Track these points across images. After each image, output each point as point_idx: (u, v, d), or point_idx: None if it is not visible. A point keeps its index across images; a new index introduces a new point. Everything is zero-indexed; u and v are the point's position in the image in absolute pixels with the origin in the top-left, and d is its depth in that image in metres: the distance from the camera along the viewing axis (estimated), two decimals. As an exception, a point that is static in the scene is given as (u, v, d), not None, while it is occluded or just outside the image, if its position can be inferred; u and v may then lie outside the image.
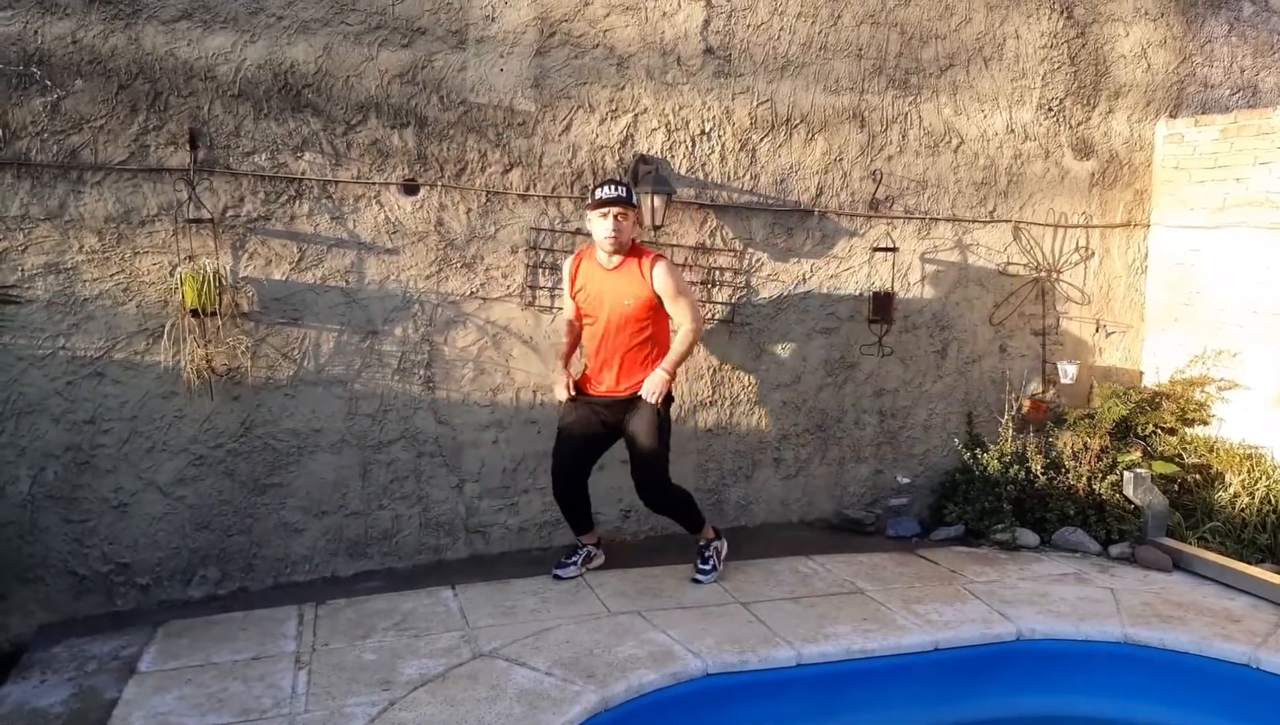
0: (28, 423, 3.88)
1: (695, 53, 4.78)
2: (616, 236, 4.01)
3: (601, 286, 4.11)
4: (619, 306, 4.09)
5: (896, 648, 3.77)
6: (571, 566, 4.35)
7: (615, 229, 4.00)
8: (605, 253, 4.09)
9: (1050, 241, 5.67)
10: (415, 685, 3.35)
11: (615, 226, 4.00)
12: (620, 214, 4.00)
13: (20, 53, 3.74)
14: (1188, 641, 3.85)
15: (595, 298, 4.13)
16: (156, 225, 3.99)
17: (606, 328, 4.13)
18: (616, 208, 3.99)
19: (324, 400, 4.30)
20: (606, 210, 3.99)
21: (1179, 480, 5.19)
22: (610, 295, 4.10)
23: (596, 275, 4.13)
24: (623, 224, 4.02)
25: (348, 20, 4.18)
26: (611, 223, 4.00)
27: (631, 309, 4.09)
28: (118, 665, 3.54)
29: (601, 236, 4.04)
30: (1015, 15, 5.44)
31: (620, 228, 4.01)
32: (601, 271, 4.12)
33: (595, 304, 4.14)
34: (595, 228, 4.07)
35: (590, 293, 4.15)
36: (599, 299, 4.12)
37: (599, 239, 4.06)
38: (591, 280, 4.14)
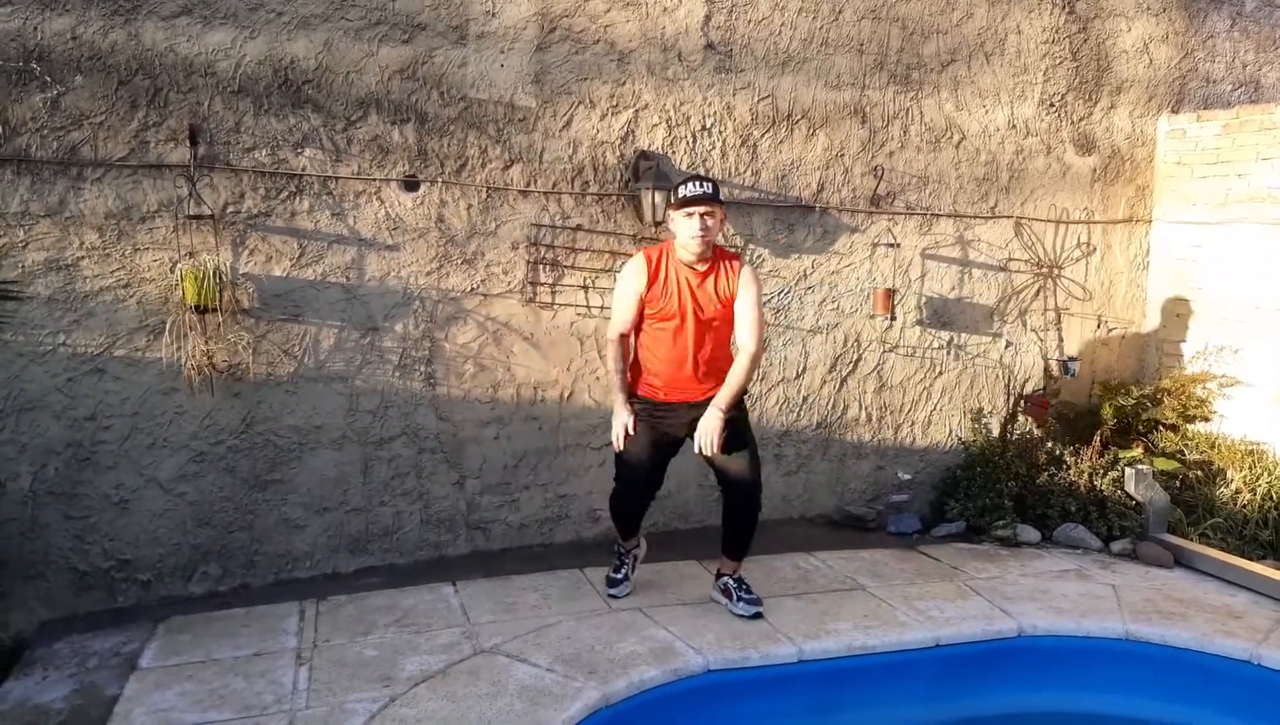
0: (29, 419, 3.88)
1: (696, 48, 4.77)
2: (704, 236, 3.72)
3: (692, 289, 3.80)
4: (711, 310, 3.82)
5: (898, 644, 3.77)
6: (625, 583, 4.14)
7: (702, 228, 3.70)
8: (691, 254, 3.77)
9: (1052, 237, 5.66)
10: (416, 681, 3.35)
11: (702, 226, 3.70)
12: (707, 212, 3.71)
13: (20, 49, 3.74)
14: (1189, 638, 3.85)
15: (682, 301, 3.80)
16: (157, 222, 3.98)
17: (691, 332, 3.81)
18: (703, 207, 3.70)
19: (325, 397, 4.30)
20: (692, 210, 3.70)
21: (1180, 476, 5.19)
22: (704, 298, 3.81)
23: (683, 277, 3.81)
24: (709, 223, 3.73)
25: (348, 16, 4.17)
26: (698, 223, 3.70)
27: (723, 313, 3.83)
28: (119, 661, 3.54)
29: (687, 237, 3.73)
30: (1017, 10, 5.43)
31: (708, 227, 3.72)
32: (690, 272, 3.81)
33: (678, 307, 3.81)
34: (680, 229, 3.76)
35: (676, 295, 3.81)
36: (687, 302, 3.80)
37: (684, 240, 3.75)
38: (677, 283, 3.81)
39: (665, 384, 3.89)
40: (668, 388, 3.89)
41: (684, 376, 3.87)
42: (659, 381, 3.90)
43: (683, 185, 3.78)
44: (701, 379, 3.87)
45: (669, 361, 3.86)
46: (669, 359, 3.86)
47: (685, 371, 3.86)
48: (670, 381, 3.88)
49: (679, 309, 3.82)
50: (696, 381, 3.87)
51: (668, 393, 3.89)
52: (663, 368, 3.88)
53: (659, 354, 3.88)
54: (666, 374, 3.88)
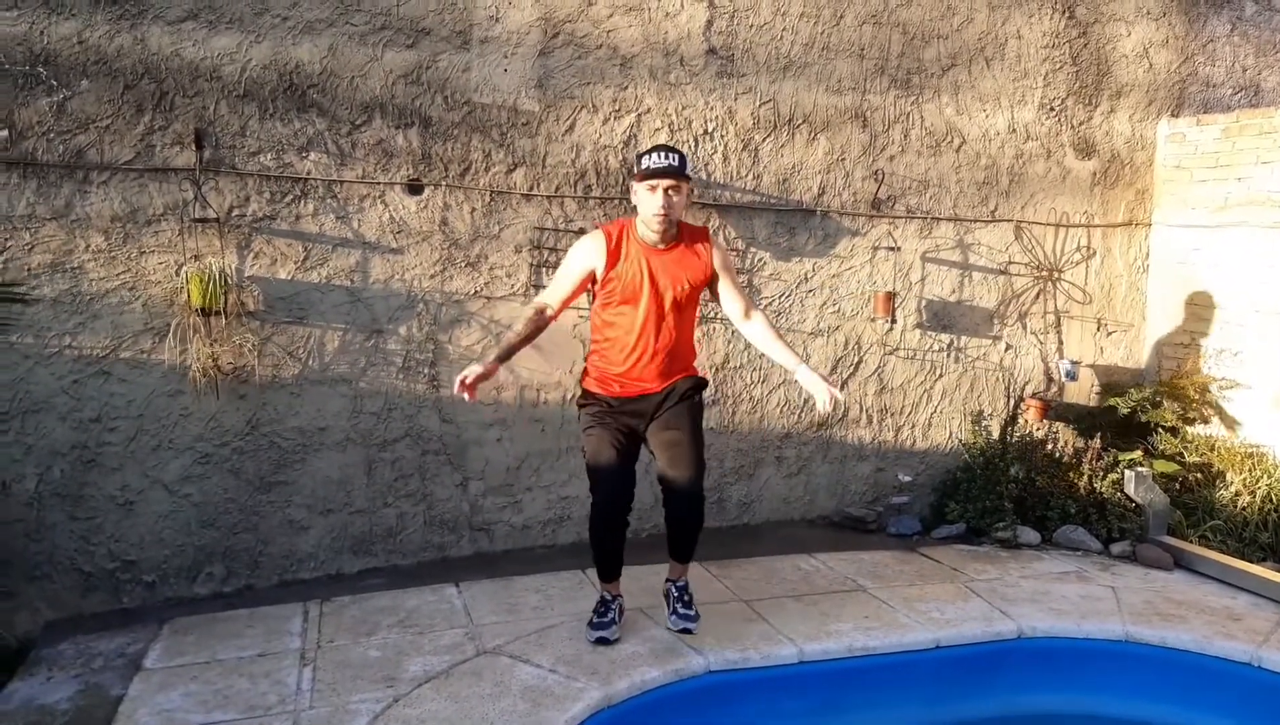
0: (34, 421, 3.90)
1: (698, 53, 4.80)
2: (668, 214, 3.37)
3: (652, 270, 3.46)
4: (675, 293, 3.48)
5: (898, 645, 3.78)
6: (614, 626, 3.69)
7: (666, 205, 3.36)
8: (654, 232, 3.44)
9: (1052, 241, 5.68)
10: (419, 682, 3.37)
11: (666, 202, 3.36)
12: (672, 187, 3.35)
13: (27, 53, 3.77)
14: (1189, 640, 3.86)
15: (639, 282, 3.46)
16: (162, 225, 4.01)
17: (652, 317, 3.48)
18: (668, 180, 3.34)
19: (329, 399, 4.32)
20: (656, 183, 3.35)
21: (1180, 479, 5.20)
22: (665, 280, 3.47)
23: (643, 257, 3.47)
24: (675, 199, 3.38)
25: (353, 21, 4.20)
26: (662, 199, 3.35)
27: (687, 295, 3.52)
28: (124, 662, 3.56)
29: (649, 214, 3.39)
30: (1017, 15, 5.45)
31: (672, 203, 3.37)
32: (651, 252, 3.48)
33: (636, 289, 3.47)
34: (642, 203, 3.41)
35: (633, 277, 3.46)
36: (646, 283, 3.46)
37: (646, 216, 3.42)
38: (637, 262, 3.46)
39: (624, 375, 3.55)
40: (626, 380, 3.55)
41: (644, 368, 3.53)
42: (617, 373, 3.56)
43: (646, 155, 3.41)
44: (662, 370, 3.55)
45: (628, 350, 3.52)
46: (628, 347, 3.52)
47: (645, 362, 3.52)
48: (629, 373, 3.54)
49: (639, 291, 3.47)
50: (658, 373, 3.54)
51: (625, 386, 3.56)
52: (621, 358, 3.53)
53: (617, 343, 3.54)
54: (626, 365, 3.53)
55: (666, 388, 3.59)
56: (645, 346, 3.53)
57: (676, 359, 3.60)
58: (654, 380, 3.57)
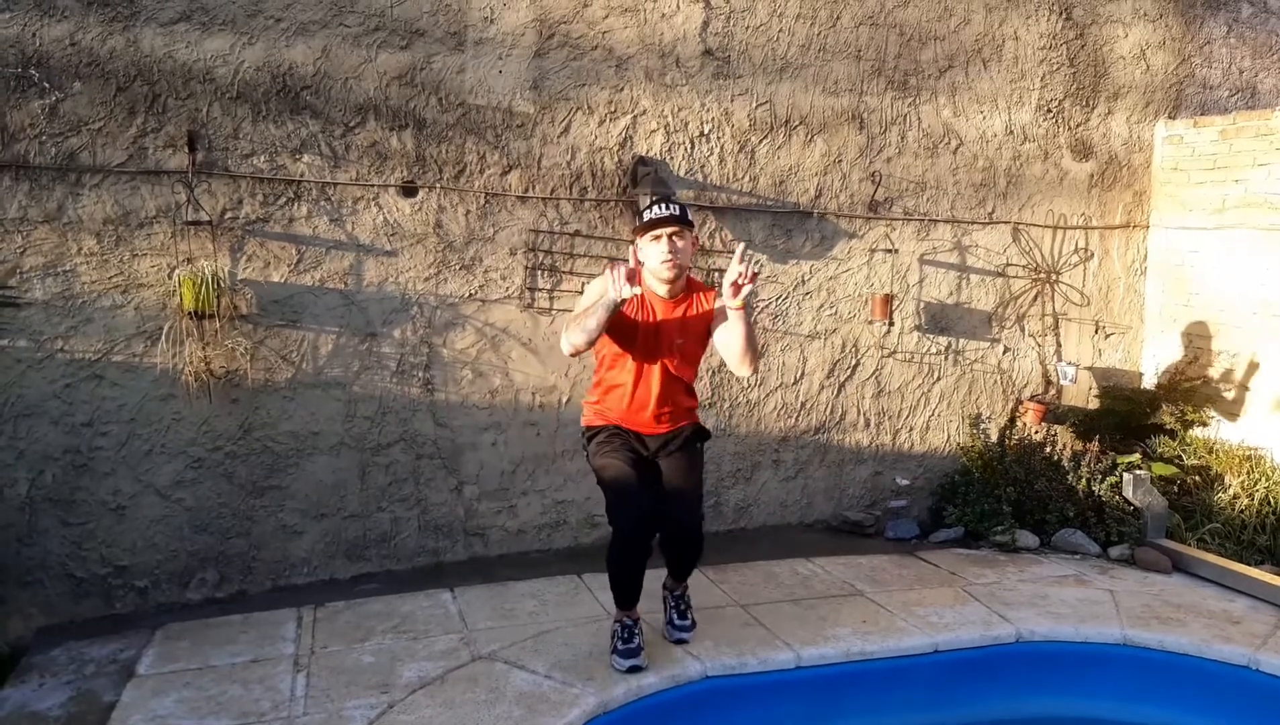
0: (26, 425, 3.88)
1: (694, 54, 4.78)
2: (674, 259, 3.33)
3: (654, 322, 3.43)
4: (674, 346, 3.45)
5: (896, 650, 3.77)
6: (643, 653, 3.52)
7: (672, 251, 3.32)
8: (662, 282, 3.39)
9: (1049, 243, 5.66)
10: (414, 688, 3.34)
11: (671, 248, 3.31)
12: (676, 234, 3.32)
13: (19, 55, 3.74)
14: (1187, 643, 3.85)
15: (641, 333, 3.42)
16: (155, 227, 3.98)
17: (653, 371, 3.46)
18: (670, 227, 3.31)
19: (322, 402, 4.30)
20: (660, 231, 3.31)
21: (1178, 482, 5.19)
22: (668, 333, 3.44)
23: (648, 307, 3.43)
24: (679, 245, 3.34)
25: (346, 22, 4.18)
26: (666, 246, 3.31)
27: (691, 349, 3.50)
28: (116, 668, 3.54)
29: (657, 262, 3.34)
30: (1014, 17, 5.44)
31: (677, 249, 3.33)
32: (657, 303, 3.44)
33: (635, 340, 3.43)
34: (648, 255, 3.36)
35: (635, 327, 3.41)
36: (647, 336, 3.43)
37: (653, 266, 3.35)
38: (639, 313, 3.41)
39: (622, 419, 3.54)
40: (631, 421, 3.53)
41: (641, 414, 3.51)
42: (621, 414, 3.54)
43: (646, 209, 3.43)
44: (660, 420, 3.53)
45: (628, 401, 3.49)
46: (629, 398, 3.49)
47: (645, 414, 3.50)
48: (626, 418, 3.53)
49: (634, 343, 3.43)
50: (655, 419, 3.52)
51: (632, 424, 3.54)
52: (621, 407, 3.52)
53: (621, 394, 3.50)
54: (624, 415, 3.52)
55: (668, 433, 3.55)
56: (647, 399, 3.48)
57: (678, 407, 3.57)
58: (653, 426, 3.53)
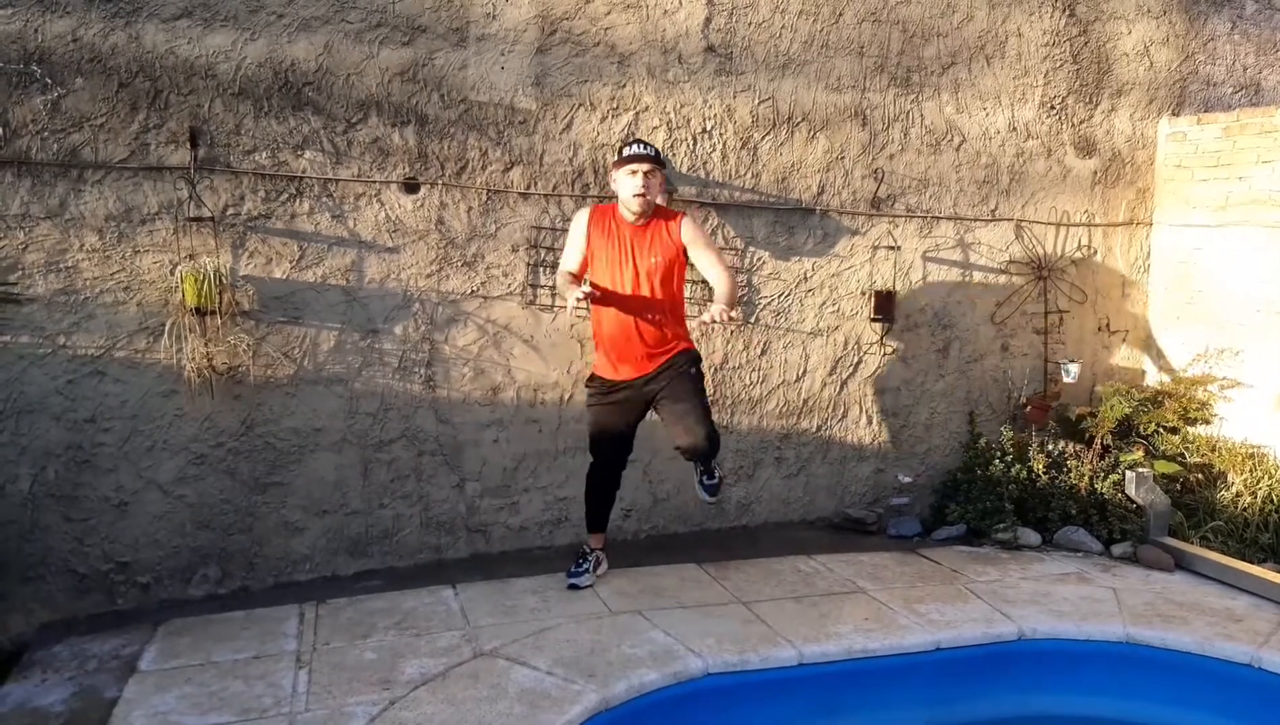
0: (28, 421, 3.88)
1: (696, 50, 4.77)
2: (645, 195, 3.88)
3: (626, 245, 3.96)
4: (645, 266, 3.95)
5: (898, 647, 3.76)
6: (586, 574, 4.21)
7: (645, 186, 3.87)
8: (631, 212, 3.96)
9: (1052, 240, 5.65)
10: (416, 684, 3.35)
11: (644, 184, 3.87)
12: (649, 171, 3.88)
13: (21, 51, 3.74)
14: (1190, 641, 3.84)
15: (616, 258, 3.96)
16: (157, 224, 3.98)
17: (625, 291, 3.96)
18: (646, 165, 3.87)
19: (324, 399, 4.30)
20: (635, 167, 3.87)
21: (1181, 479, 5.18)
22: (638, 254, 3.95)
23: (619, 234, 3.98)
24: (652, 182, 3.90)
25: (348, 18, 4.17)
26: (640, 180, 3.87)
27: (659, 268, 3.96)
28: (118, 664, 3.54)
29: (628, 195, 3.90)
30: (1017, 13, 5.43)
31: (649, 186, 3.89)
32: (627, 228, 3.99)
33: (615, 264, 3.96)
34: (621, 186, 3.93)
35: (610, 253, 3.97)
36: (621, 259, 3.96)
37: (625, 197, 3.93)
38: (612, 239, 3.97)
39: (615, 355, 4.01)
40: (618, 359, 4.01)
41: (632, 346, 3.98)
42: (609, 352, 4.02)
43: (626, 146, 3.99)
44: (650, 348, 3.99)
45: (615, 328, 3.98)
46: (615, 325, 3.97)
47: (632, 339, 3.97)
48: (619, 352, 4.00)
49: (616, 267, 3.94)
50: (645, 350, 3.98)
51: (618, 366, 4.02)
52: (610, 335, 4.00)
53: (604, 326, 4.01)
54: (615, 343, 4.00)
55: (660, 367, 4.00)
56: (630, 323, 3.95)
57: (663, 341, 4.01)
58: (643, 360, 3.99)
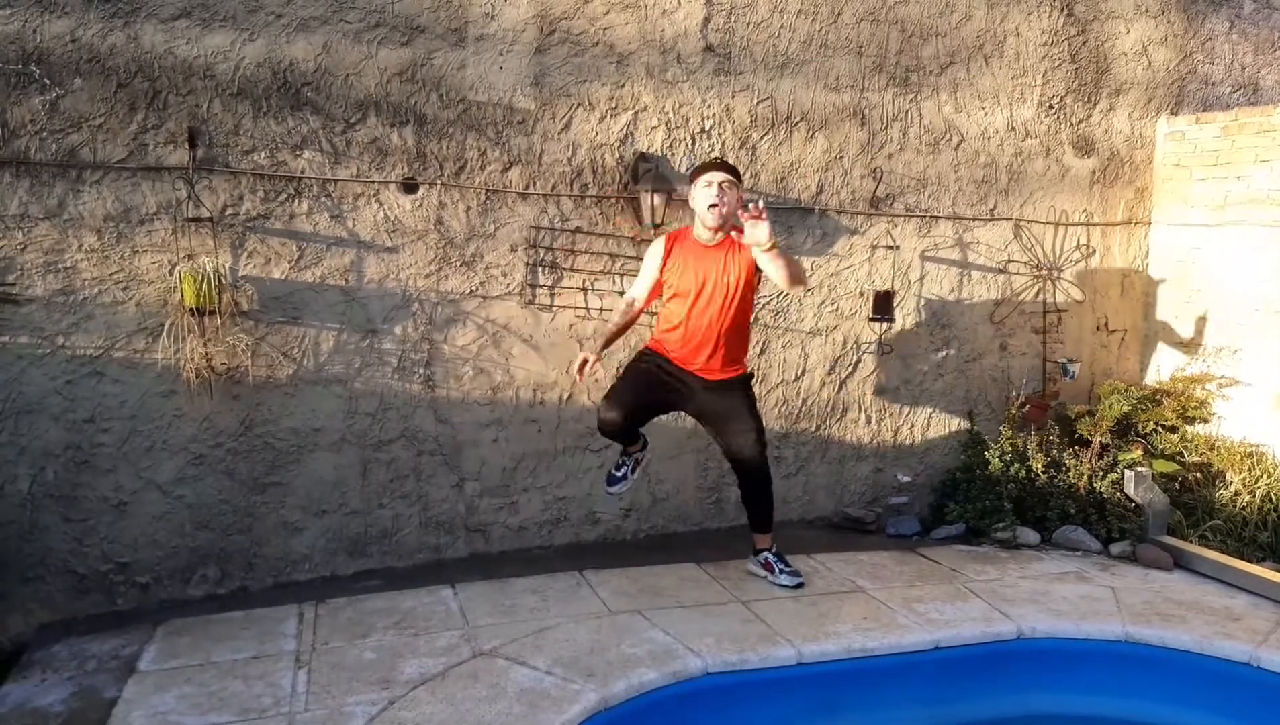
0: (27, 422, 3.88)
1: (695, 50, 4.77)
2: (721, 206, 3.86)
3: (703, 262, 3.96)
4: (723, 283, 3.94)
5: (897, 646, 3.76)
6: (623, 481, 4.30)
7: (720, 197, 3.86)
8: (708, 228, 3.94)
9: (1051, 239, 5.66)
10: (415, 684, 3.35)
11: (720, 194, 3.86)
12: (726, 182, 3.88)
13: (19, 51, 3.74)
14: (1188, 640, 3.85)
15: (695, 274, 3.96)
16: (156, 224, 3.98)
17: (708, 305, 3.96)
18: (722, 175, 3.87)
19: (324, 399, 4.30)
20: (712, 177, 3.87)
21: (1180, 478, 5.19)
22: (715, 271, 3.94)
23: (696, 251, 3.99)
24: (728, 195, 3.88)
25: (347, 18, 4.17)
26: (716, 191, 3.86)
27: (735, 286, 3.95)
28: (118, 664, 3.54)
29: (703, 206, 3.90)
30: (1016, 12, 5.43)
31: (725, 196, 3.87)
32: (702, 248, 3.99)
33: (694, 280, 3.96)
34: (699, 198, 3.92)
35: (689, 269, 3.97)
36: (700, 275, 3.95)
37: (701, 210, 3.92)
38: (690, 256, 3.98)
39: (685, 356, 4.05)
40: (687, 361, 4.06)
41: (699, 357, 4.03)
42: (680, 354, 4.06)
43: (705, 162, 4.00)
44: (717, 361, 4.03)
45: (684, 339, 4.03)
46: (688, 332, 4.01)
47: (701, 352, 4.02)
48: (685, 359, 4.05)
49: (695, 283, 3.95)
50: (710, 362, 4.03)
51: (685, 363, 4.06)
52: (678, 345, 4.05)
53: (682, 330, 4.03)
54: (685, 348, 4.04)
55: (722, 381, 4.07)
56: (704, 332, 3.99)
57: (731, 353, 4.06)
58: (711, 363, 4.04)
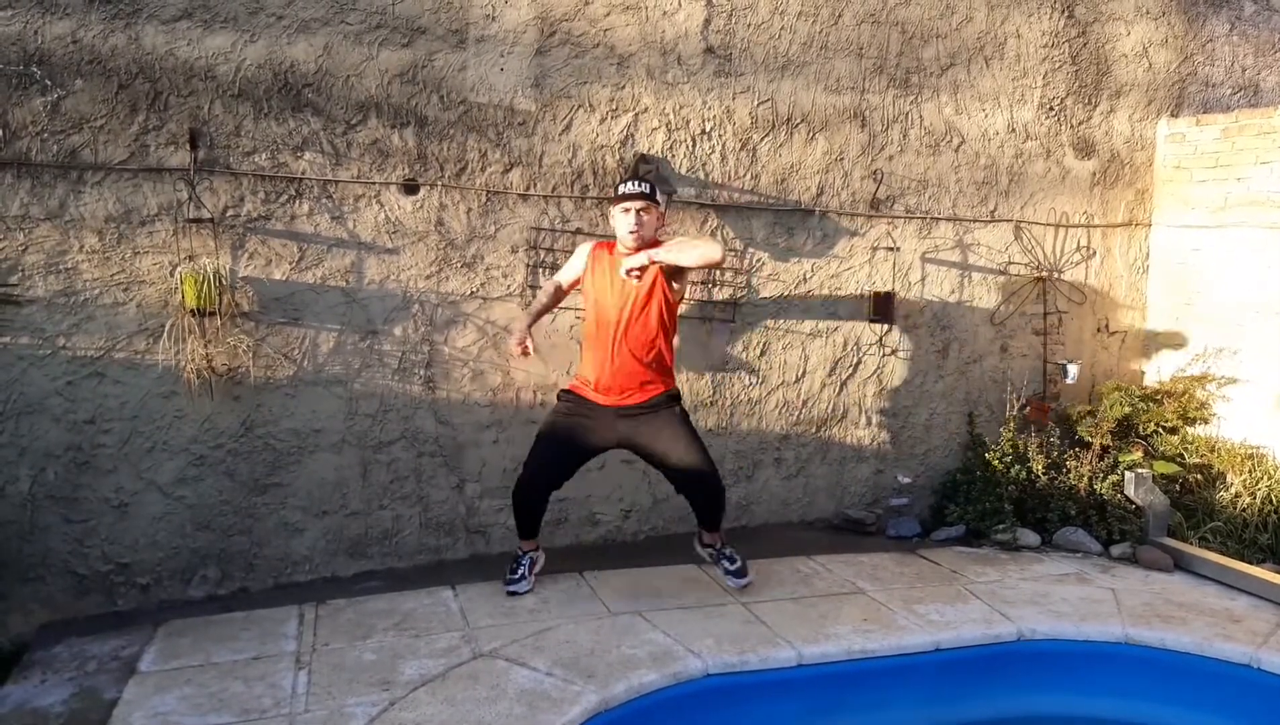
0: (28, 423, 3.88)
1: (696, 52, 4.78)
2: (639, 231, 3.94)
3: (614, 278, 4.00)
4: (628, 296, 3.97)
5: (897, 648, 3.77)
6: (524, 580, 4.18)
7: (637, 223, 3.93)
8: (626, 249, 4.00)
9: (1051, 241, 5.66)
10: (415, 685, 3.35)
11: (637, 221, 3.93)
12: (643, 209, 3.95)
13: (20, 52, 3.74)
14: (1189, 642, 3.85)
15: (608, 288, 4.01)
16: (157, 225, 3.99)
17: (616, 319, 3.98)
18: (639, 202, 3.94)
19: (324, 400, 4.30)
20: (629, 205, 3.94)
21: (1180, 480, 5.19)
22: (623, 286, 3.98)
23: (612, 263, 4.03)
24: (645, 219, 3.96)
25: (348, 20, 4.18)
26: (634, 218, 3.94)
27: (638, 298, 3.96)
28: (118, 665, 3.54)
29: (624, 232, 3.97)
30: (1016, 14, 5.43)
31: (642, 222, 3.95)
32: (615, 259, 4.03)
33: (606, 294, 4.01)
34: (618, 223, 4.01)
35: (602, 283, 4.03)
36: (610, 291, 4.00)
37: (621, 235, 4.00)
38: (606, 271, 4.04)
39: (594, 380, 4.04)
40: (595, 385, 4.03)
41: (609, 371, 3.99)
42: (589, 376, 4.07)
43: (622, 183, 4.03)
44: (632, 380, 4.00)
45: (595, 353, 4.04)
46: (594, 350, 4.04)
47: (609, 365, 3.99)
48: (597, 378, 4.03)
49: (606, 297, 4.01)
50: (625, 381, 3.99)
51: (595, 391, 4.04)
52: (590, 360, 4.08)
53: (592, 349, 4.06)
54: (594, 368, 4.04)
55: (638, 405, 4.01)
56: (606, 349, 4.00)
57: (641, 372, 4.01)
58: (619, 388, 4.00)
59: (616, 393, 4.01)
